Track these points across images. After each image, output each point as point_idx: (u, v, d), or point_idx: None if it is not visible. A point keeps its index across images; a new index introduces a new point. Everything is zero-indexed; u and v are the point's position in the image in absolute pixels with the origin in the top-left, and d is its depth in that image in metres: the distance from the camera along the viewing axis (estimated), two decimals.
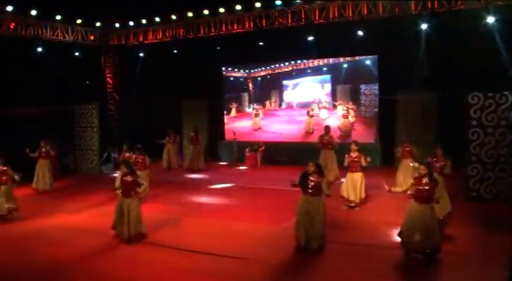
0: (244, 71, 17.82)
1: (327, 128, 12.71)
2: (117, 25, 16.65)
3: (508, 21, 11.87)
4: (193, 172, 14.97)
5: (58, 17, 14.95)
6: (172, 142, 15.36)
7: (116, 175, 11.51)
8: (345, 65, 16.05)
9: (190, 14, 15.39)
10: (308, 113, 16.37)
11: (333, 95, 16.29)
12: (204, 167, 15.36)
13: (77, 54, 16.04)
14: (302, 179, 7.51)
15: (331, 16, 13.73)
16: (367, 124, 15.61)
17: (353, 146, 10.21)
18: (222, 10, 14.89)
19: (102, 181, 13.83)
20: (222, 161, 16.91)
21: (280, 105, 17.32)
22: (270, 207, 10.44)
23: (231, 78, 18.12)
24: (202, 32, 15.57)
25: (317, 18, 13.92)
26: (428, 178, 7.00)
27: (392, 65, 13.93)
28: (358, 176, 10.04)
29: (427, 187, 6.97)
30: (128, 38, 16.93)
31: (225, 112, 17.92)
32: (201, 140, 15.47)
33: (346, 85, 16.07)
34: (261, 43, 14.97)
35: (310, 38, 14.32)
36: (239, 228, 8.92)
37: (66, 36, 15.50)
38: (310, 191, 7.44)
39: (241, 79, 17.96)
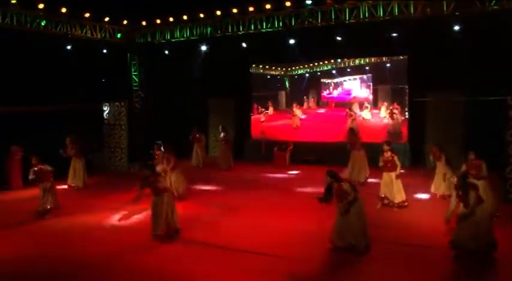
0: (281, 68, 17.84)
1: (352, 130, 12.82)
2: (143, 23, 16.73)
3: None
4: (226, 170, 15.04)
5: (87, 15, 15.11)
6: (198, 141, 15.39)
7: None
8: (388, 64, 15.95)
9: (218, 13, 15.48)
10: (346, 114, 16.20)
11: (374, 95, 16.21)
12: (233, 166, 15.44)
13: (104, 51, 16.11)
14: (327, 192, 7.49)
15: (361, 16, 13.77)
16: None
17: (385, 147, 10.23)
18: (251, 9, 14.96)
19: (133, 179, 13.88)
20: (248, 160, 16.85)
21: (318, 104, 17.34)
22: (305, 207, 10.47)
23: (268, 76, 18.14)
24: (230, 30, 15.60)
25: (347, 18, 13.94)
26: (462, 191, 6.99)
27: (423, 65, 13.89)
28: (392, 176, 10.06)
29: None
30: (154, 36, 16.97)
31: (260, 109, 17.95)
32: (231, 139, 15.53)
33: (387, 85, 15.97)
34: (291, 41, 14.89)
35: (339, 38, 14.32)
36: (278, 226, 8.96)
37: (94, 34, 15.58)
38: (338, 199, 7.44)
39: (278, 77, 18.01)
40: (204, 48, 16.36)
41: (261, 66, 18.03)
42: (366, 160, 12.43)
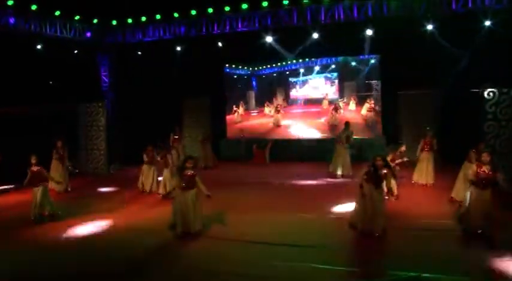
0: (248, 68, 18.02)
1: (347, 124, 13.20)
2: (114, 22, 16.33)
3: (503, 25, 12.83)
4: (208, 169, 14.98)
5: (57, 13, 14.55)
6: (178, 141, 15.21)
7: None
8: (353, 63, 16.77)
9: (194, 12, 15.43)
10: (334, 107, 16.91)
11: (340, 91, 17.04)
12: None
13: (75, 51, 15.58)
14: (374, 173, 7.86)
15: (337, 16, 14.28)
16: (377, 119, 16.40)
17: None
18: (227, 9, 15.07)
19: (115, 181, 13.66)
20: (226, 159, 16.84)
21: (287, 102, 17.73)
22: (305, 199, 10.79)
23: (235, 76, 18.27)
24: (205, 30, 15.60)
25: (323, 19, 14.40)
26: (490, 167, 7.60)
27: (395, 63, 14.61)
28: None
29: (487, 174, 7.58)
30: (125, 36, 16.61)
31: (234, 109, 18.07)
32: (211, 138, 15.54)
33: (352, 82, 16.91)
34: (268, 41, 15.11)
35: (315, 37, 14.74)
36: (288, 219, 9.19)
37: (64, 33, 15.03)
38: (377, 182, 7.84)
39: (245, 77, 18.18)
40: (178, 48, 16.21)
41: (227, 65, 18.15)
42: (349, 156, 12.98)
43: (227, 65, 17.96)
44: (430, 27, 13.57)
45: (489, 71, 12.04)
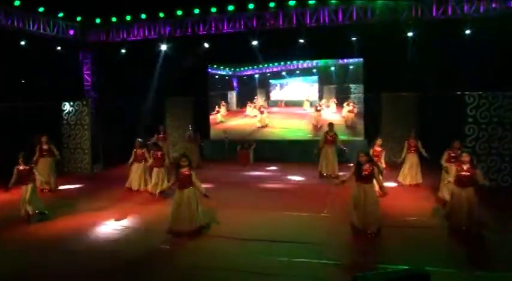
0: (229, 69, 18.16)
1: (331, 125, 13.49)
2: (97, 21, 16.17)
3: (483, 33, 13.38)
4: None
5: (40, 9, 14.32)
6: (164, 140, 15.17)
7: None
8: (332, 68, 17.26)
9: (179, 13, 15.46)
10: (316, 108, 17.25)
11: (320, 93, 17.50)
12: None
13: (58, 48, 15.37)
14: (357, 169, 8.13)
15: (322, 20, 14.57)
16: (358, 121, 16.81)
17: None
18: (213, 10, 15.16)
19: (101, 180, 13.57)
20: (210, 159, 16.82)
21: (267, 103, 18.03)
22: (295, 198, 11.01)
23: (216, 77, 18.37)
24: (190, 30, 15.64)
25: (308, 22, 14.67)
26: (470, 166, 7.98)
27: (377, 66, 15.00)
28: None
29: (467, 173, 7.94)
30: (108, 35, 16.47)
31: (217, 109, 18.19)
32: (198, 138, 15.57)
33: (331, 85, 17.35)
34: (254, 43, 15.28)
35: (301, 40, 15.01)
36: (280, 217, 9.38)
37: (48, 30, 14.81)
38: (365, 179, 8.09)
39: (226, 77, 18.32)
40: (163, 47, 16.18)
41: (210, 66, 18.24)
42: (336, 156, 13.30)
43: (210, 66, 18.01)
44: (411, 33, 14.03)
45: (470, 76, 12.54)
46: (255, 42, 15.39)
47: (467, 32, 13.51)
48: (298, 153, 15.84)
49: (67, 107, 14.49)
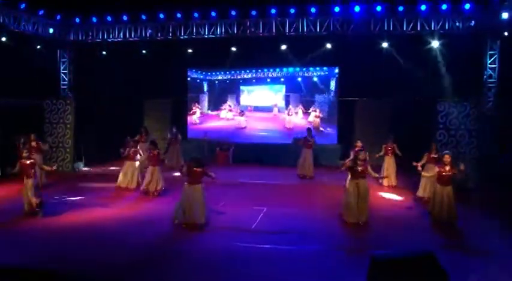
0: (201, 72, 18.60)
1: (309, 130, 14.18)
2: (77, 20, 16.19)
3: (448, 46, 14.51)
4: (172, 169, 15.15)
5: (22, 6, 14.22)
6: (144, 141, 15.29)
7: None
8: (299, 79, 18.33)
9: (162, 16, 15.73)
10: (288, 113, 18.26)
11: (286, 101, 18.40)
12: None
13: (38, 47, 15.26)
14: (352, 166, 8.82)
15: (300, 30, 15.27)
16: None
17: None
18: (196, 15, 15.55)
19: (85, 179, 13.61)
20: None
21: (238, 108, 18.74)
22: (282, 195, 11.57)
23: (188, 79, 18.72)
24: (171, 34, 15.92)
25: (288, 31, 15.33)
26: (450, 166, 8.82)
27: (351, 75, 15.88)
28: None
29: (449, 173, 8.77)
30: (87, 34, 16.47)
31: (193, 110, 18.71)
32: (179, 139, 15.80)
33: (296, 93, 18.45)
34: (233, 49, 15.77)
35: (282, 48, 15.66)
36: (275, 211, 10.09)
37: (28, 27, 14.69)
38: (359, 174, 8.78)
39: (198, 80, 18.74)
40: (143, 50, 16.37)
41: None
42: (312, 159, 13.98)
43: (190, 69, 18.38)
44: (385, 44, 14.99)
45: (440, 86, 13.58)
46: (234, 49, 15.92)
47: (435, 46, 14.58)
48: (276, 155, 16.42)
49: (49, 105, 14.35)
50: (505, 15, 12.83)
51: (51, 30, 15.79)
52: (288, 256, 7.38)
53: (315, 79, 18.14)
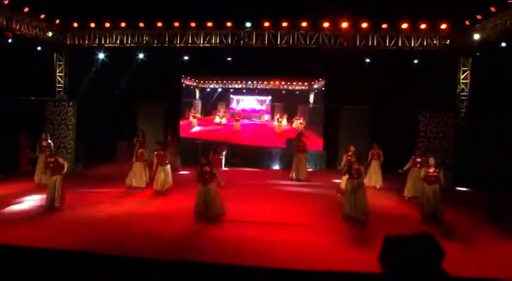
0: (194, 80, 19.41)
1: (299, 136, 15.20)
2: (75, 25, 16.64)
3: (426, 62, 15.94)
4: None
5: (26, 10, 14.59)
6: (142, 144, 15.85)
7: None
8: (283, 92, 19.82)
9: (159, 24, 16.42)
10: (278, 120, 19.62)
11: (272, 109, 19.65)
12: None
13: (39, 48, 15.64)
14: (348, 168, 9.84)
15: (291, 42, 16.33)
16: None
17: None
18: (193, 24, 16.35)
19: (88, 178, 14.06)
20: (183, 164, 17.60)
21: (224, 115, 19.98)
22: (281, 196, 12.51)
23: (183, 85, 19.51)
24: (168, 41, 16.62)
25: (279, 43, 16.36)
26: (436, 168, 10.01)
27: (338, 86, 17.06)
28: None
29: (434, 173, 9.95)
30: (84, 39, 16.94)
31: (192, 115, 19.90)
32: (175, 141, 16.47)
33: (280, 103, 19.98)
34: (229, 59, 16.66)
35: (272, 59, 16.69)
36: (283, 209, 10.98)
37: (29, 30, 15.06)
38: (355, 175, 9.80)
39: (191, 87, 19.57)
40: (140, 55, 16.99)
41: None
42: (307, 162, 15.01)
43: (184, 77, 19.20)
44: (369, 59, 16.29)
45: (419, 97, 14.95)
46: (229, 59, 16.83)
47: (415, 61, 16.01)
48: (269, 159, 17.33)
49: (51, 106, 14.71)
50: (476, 36, 14.44)
51: (50, 34, 16.22)
52: (298, 242, 8.33)
53: (297, 92, 19.74)
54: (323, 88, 18.74)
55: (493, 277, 6.77)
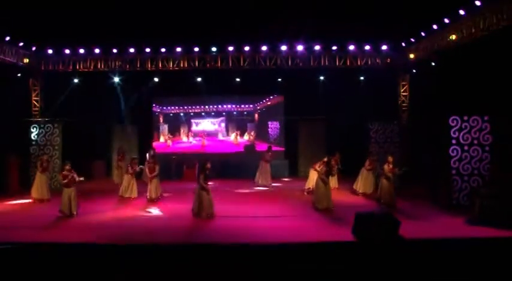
0: (159, 107, 21.18)
1: (270, 147, 16.98)
2: (50, 51, 17.70)
3: (371, 78, 18.33)
4: None
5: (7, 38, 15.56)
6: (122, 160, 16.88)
7: None
8: (235, 113, 22.08)
9: (132, 50, 17.85)
10: (236, 135, 21.76)
11: (226, 128, 22.14)
12: None
13: (18, 75, 16.64)
14: (328, 168, 11.76)
15: (253, 64, 18.21)
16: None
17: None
18: (163, 50, 17.91)
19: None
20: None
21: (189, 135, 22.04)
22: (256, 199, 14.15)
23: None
24: (139, 66, 18.07)
25: (243, 64, 18.21)
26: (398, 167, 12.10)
27: (295, 101, 19.07)
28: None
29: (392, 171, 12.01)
30: (58, 64, 18.02)
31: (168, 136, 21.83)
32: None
33: (233, 122, 22.28)
34: (198, 79, 18.31)
35: (237, 80, 18.56)
36: (263, 207, 12.54)
37: (10, 57, 15.99)
38: (331, 174, 11.76)
39: (156, 113, 21.24)
40: (115, 79, 18.30)
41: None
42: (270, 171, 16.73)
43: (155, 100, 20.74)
44: (322, 77, 18.49)
45: (367, 109, 17.25)
46: (199, 79, 18.52)
47: (361, 78, 18.39)
48: (236, 169, 18.80)
49: (36, 128, 15.52)
50: (412, 56, 17.00)
51: (26, 60, 17.19)
52: (282, 226, 10.00)
53: (245, 112, 22.06)
54: (264, 109, 21.62)
55: (433, 236, 8.77)
